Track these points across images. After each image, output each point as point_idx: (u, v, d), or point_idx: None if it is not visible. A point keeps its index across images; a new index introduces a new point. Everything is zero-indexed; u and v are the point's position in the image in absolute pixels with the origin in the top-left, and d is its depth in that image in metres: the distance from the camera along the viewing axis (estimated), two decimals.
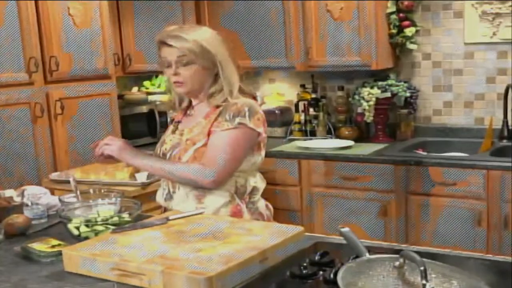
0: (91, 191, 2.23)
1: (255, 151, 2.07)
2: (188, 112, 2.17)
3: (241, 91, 2.08)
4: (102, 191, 2.23)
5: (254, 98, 2.11)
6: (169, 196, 2.12)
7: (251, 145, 2.04)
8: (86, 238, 1.83)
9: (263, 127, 2.06)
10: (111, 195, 2.14)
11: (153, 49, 4.55)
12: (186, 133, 2.10)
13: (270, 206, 2.21)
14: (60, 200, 2.22)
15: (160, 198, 2.19)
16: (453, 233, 3.30)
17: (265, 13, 4.02)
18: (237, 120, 2.00)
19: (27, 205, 2.21)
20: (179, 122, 2.18)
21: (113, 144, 2.09)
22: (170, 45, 2.02)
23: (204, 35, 2.04)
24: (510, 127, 3.65)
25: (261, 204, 2.16)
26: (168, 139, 2.16)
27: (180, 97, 2.19)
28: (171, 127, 2.21)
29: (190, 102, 2.18)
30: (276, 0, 3.96)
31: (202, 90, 2.08)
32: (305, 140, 4.05)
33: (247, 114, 2.01)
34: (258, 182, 2.13)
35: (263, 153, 2.12)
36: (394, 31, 3.82)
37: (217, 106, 2.05)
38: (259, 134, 2.04)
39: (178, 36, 2.02)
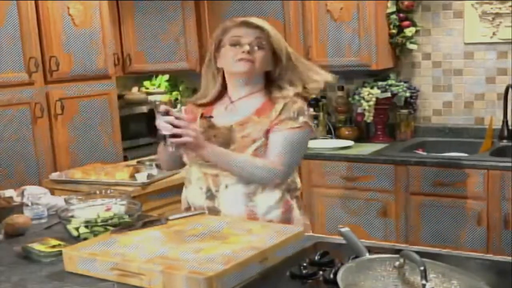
0: (97, 192, 2.20)
1: None
2: (227, 107, 2.08)
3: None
4: (109, 191, 2.21)
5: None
6: (212, 195, 2.04)
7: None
8: (86, 239, 1.83)
9: None
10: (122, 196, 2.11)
11: (153, 49, 4.56)
12: (236, 129, 2.00)
13: None
14: (65, 201, 2.21)
15: (197, 198, 2.07)
16: (453, 233, 3.30)
17: (265, 13, 4.01)
18: (301, 119, 1.99)
19: (27, 205, 2.21)
20: (210, 117, 2.08)
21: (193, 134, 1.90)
22: (252, 26, 2.02)
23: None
24: (510, 127, 3.65)
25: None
26: (211, 134, 2.02)
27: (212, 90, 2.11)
28: (200, 122, 2.07)
29: (216, 98, 2.11)
30: (276, 0, 3.96)
31: (261, 77, 2.06)
32: None
33: (307, 113, 2.02)
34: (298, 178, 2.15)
35: None
36: (394, 31, 3.82)
37: (273, 102, 2.02)
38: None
39: (260, 21, 2.05)
